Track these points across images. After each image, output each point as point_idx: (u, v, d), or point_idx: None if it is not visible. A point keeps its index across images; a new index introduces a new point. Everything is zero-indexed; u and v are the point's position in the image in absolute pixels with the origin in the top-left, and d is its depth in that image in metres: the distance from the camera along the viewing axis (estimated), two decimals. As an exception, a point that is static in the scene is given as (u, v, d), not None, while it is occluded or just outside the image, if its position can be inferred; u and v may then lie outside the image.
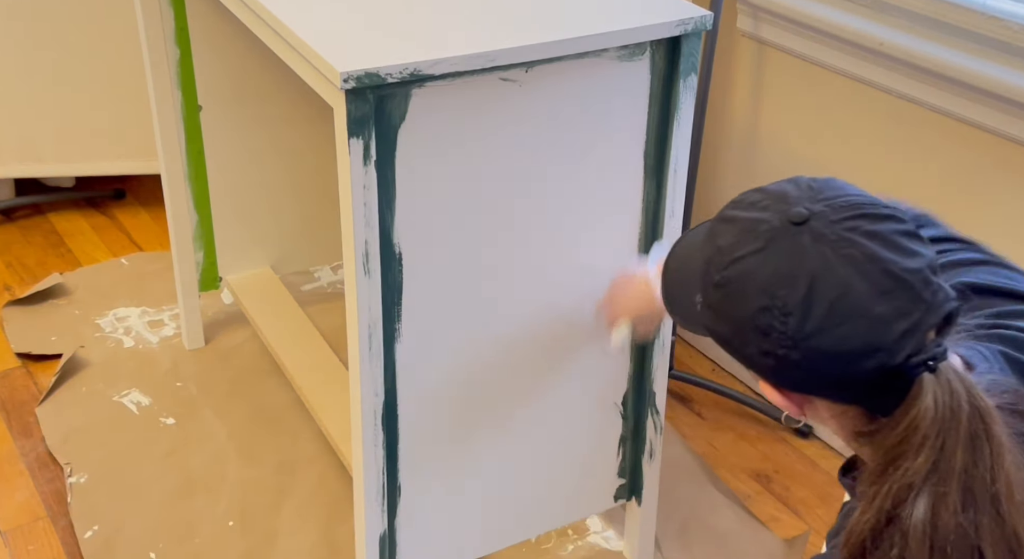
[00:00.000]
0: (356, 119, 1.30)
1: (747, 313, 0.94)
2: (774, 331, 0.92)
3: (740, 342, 0.96)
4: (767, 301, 0.92)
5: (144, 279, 2.59)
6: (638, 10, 1.46)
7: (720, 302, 0.97)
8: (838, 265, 0.90)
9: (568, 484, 1.73)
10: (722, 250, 0.97)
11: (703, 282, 0.99)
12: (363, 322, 1.41)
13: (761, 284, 0.93)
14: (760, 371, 0.97)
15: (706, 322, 1.00)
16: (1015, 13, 1.63)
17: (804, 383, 0.95)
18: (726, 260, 0.96)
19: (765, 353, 0.94)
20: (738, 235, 0.96)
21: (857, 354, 0.90)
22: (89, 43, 2.63)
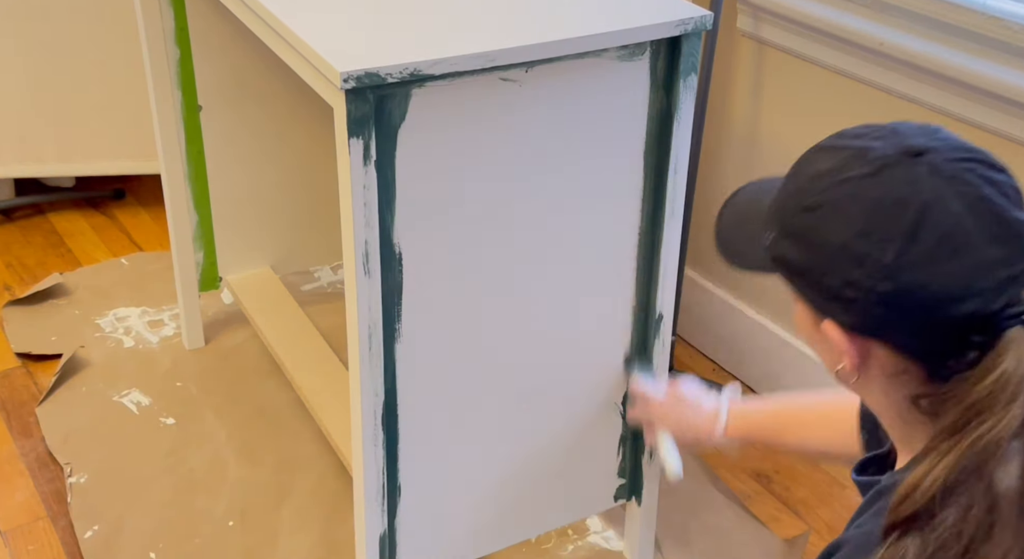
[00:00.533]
0: (356, 119, 1.30)
1: (843, 238, 0.90)
2: (869, 259, 0.89)
3: (822, 272, 0.92)
4: (870, 226, 0.89)
5: (144, 279, 2.59)
6: (638, 10, 1.46)
7: (811, 227, 0.93)
8: (952, 200, 0.87)
9: (568, 484, 1.73)
10: (822, 174, 0.93)
11: (787, 210, 0.96)
12: (363, 322, 1.41)
13: (867, 207, 0.89)
14: (833, 307, 0.93)
15: (782, 253, 0.96)
16: (1015, 13, 1.63)
17: (881, 324, 0.92)
18: (827, 182, 0.92)
19: (850, 283, 0.90)
20: (845, 160, 0.92)
21: (953, 295, 0.88)
22: (89, 43, 2.63)
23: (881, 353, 0.94)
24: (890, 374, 0.96)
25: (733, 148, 2.21)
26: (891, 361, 0.95)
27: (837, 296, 0.92)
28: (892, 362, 0.95)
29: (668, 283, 1.63)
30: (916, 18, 1.75)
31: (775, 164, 2.13)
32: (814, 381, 2.15)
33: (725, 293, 2.32)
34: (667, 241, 1.59)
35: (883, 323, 0.91)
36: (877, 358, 0.95)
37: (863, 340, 0.94)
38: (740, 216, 1.08)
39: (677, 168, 1.55)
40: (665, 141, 1.53)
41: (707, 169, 2.26)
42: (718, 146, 2.23)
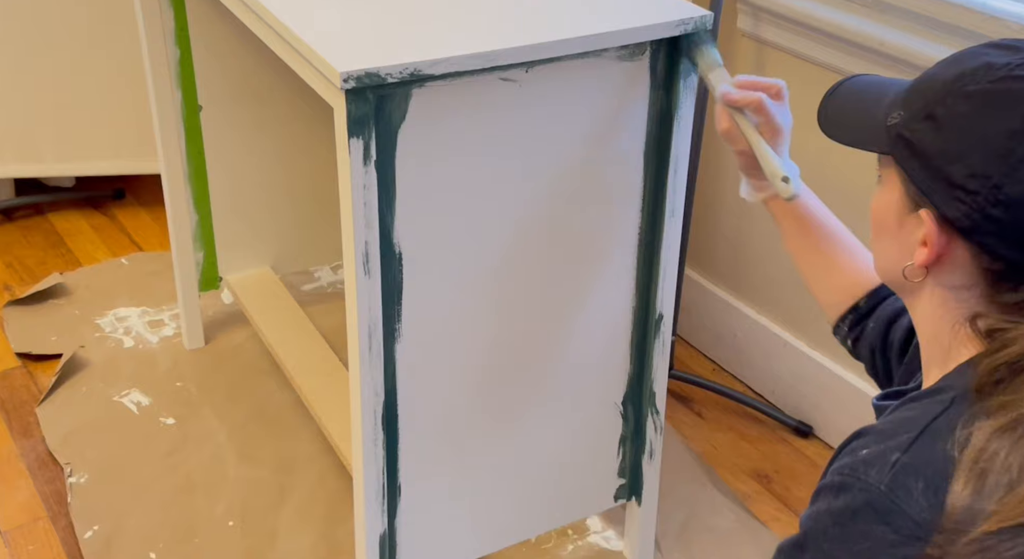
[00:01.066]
0: (356, 119, 1.30)
1: (993, 130, 0.91)
2: (1013, 158, 0.89)
3: (953, 158, 0.92)
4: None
5: (144, 279, 2.59)
6: (638, 10, 1.46)
7: (962, 113, 0.93)
8: None
9: (568, 484, 1.73)
10: (995, 66, 0.93)
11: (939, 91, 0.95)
12: (363, 322, 1.42)
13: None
14: (943, 197, 0.93)
15: (912, 132, 0.96)
16: (1015, 13, 1.63)
17: (985, 224, 0.92)
18: (998, 74, 0.92)
19: (978, 176, 0.91)
20: (1021, 59, 0.92)
21: None
22: (89, 43, 2.63)
23: (962, 258, 0.95)
24: (955, 286, 0.97)
25: (733, 148, 2.21)
26: (965, 271, 0.95)
27: (956, 185, 0.92)
28: (965, 273, 0.95)
29: (668, 283, 1.63)
30: (916, 18, 1.76)
31: (775, 164, 2.13)
32: (814, 379, 2.15)
33: (725, 293, 2.32)
34: (667, 241, 1.59)
35: (989, 224, 0.91)
36: (954, 263, 0.96)
37: (953, 238, 0.94)
38: (855, 96, 1.07)
39: (677, 168, 1.55)
40: (665, 141, 1.53)
41: (707, 169, 2.26)
42: (718, 146, 2.23)
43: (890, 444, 0.92)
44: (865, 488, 0.91)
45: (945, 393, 0.95)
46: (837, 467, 0.95)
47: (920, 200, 0.96)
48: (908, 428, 0.93)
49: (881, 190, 1.03)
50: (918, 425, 0.92)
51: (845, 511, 0.92)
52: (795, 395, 2.21)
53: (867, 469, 0.91)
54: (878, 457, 0.92)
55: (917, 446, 0.91)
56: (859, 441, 0.96)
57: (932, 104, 0.95)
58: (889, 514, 0.89)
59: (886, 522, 0.89)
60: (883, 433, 0.94)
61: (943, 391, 0.95)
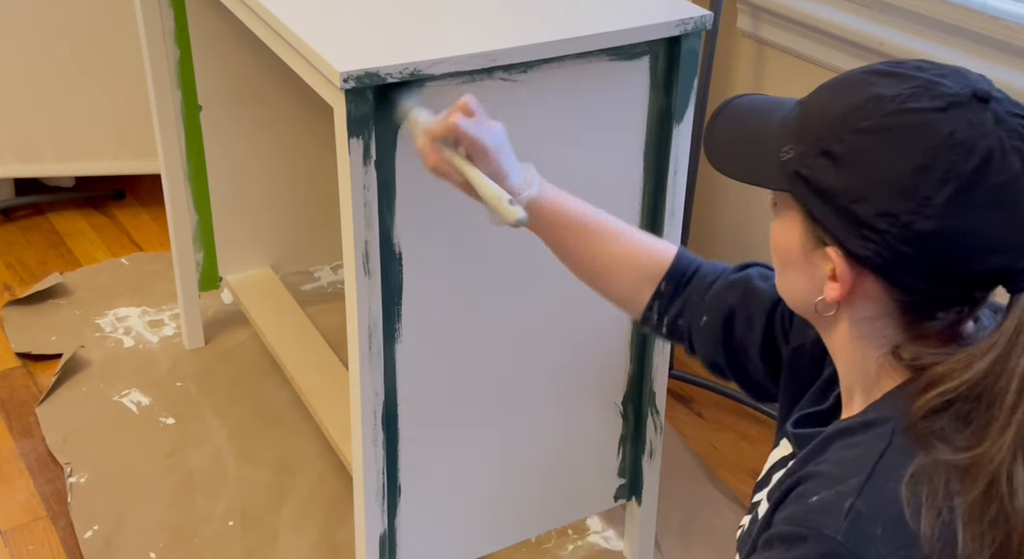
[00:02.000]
0: (356, 119, 1.30)
1: (897, 167, 0.87)
2: (918, 195, 0.86)
3: (857, 197, 0.89)
4: (930, 161, 0.86)
5: (144, 279, 2.59)
6: (638, 10, 1.46)
7: (861, 149, 0.89)
8: (1011, 154, 0.87)
9: (568, 484, 1.73)
10: (884, 98, 0.89)
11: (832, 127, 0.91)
12: (363, 322, 1.41)
13: (932, 143, 0.86)
14: (851, 235, 0.90)
15: (810, 171, 0.92)
16: (1015, 13, 1.63)
17: (899, 261, 0.89)
18: (891, 108, 0.89)
19: (886, 214, 0.87)
20: (912, 89, 0.89)
21: (986, 247, 0.87)
22: (89, 43, 2.63)
23: (874, 291, 0.93)
24: (869, 317, 0.94)
25: (733, 148, 2.21)
26: (878, 302, 0.93)
27: (864, 224, 0.89)
28: (879, 304, 0.93)
29: (668, 283, 1.63)
30: (916, 18, 1.76)
31: (775, 164, 2.13)
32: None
33: (725, 293, 2.31)
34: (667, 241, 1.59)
35: (902, 261, 0.89)
36: (866, 296, 0.93)
37: (864, 274, 0.92)
38: (741, 122, 1.03)
39: (677, 168, 1.55)
40: (665, 141, 1.53)
41: (707, 170, 2.26)
42: (718, 146, 2.23)
43: (841, 489, 0.88)
44: (820, 539, 0.86)
45: (883, 426, 0.92)
46: (787, 516, 0.91)
47: (826, 237, 0.92)
48: (855, 470, 0.89)
49: (781, 223, 0.98)
50: (865, 466, 0.89)
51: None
52: (795, 395, 2.20)
53: (821, 518, 0.87)
54: (831, 505, 0.88)
55: (869, 489, 0.87)
56: (805, 486, 0.92)
57: (827, 140, 0.91)
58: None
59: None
60: (830, 477, 0.90)
61: (880, 423, 0.92)
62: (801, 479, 0.93)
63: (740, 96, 1.08)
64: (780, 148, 0.95)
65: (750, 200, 2.20)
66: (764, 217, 2.17)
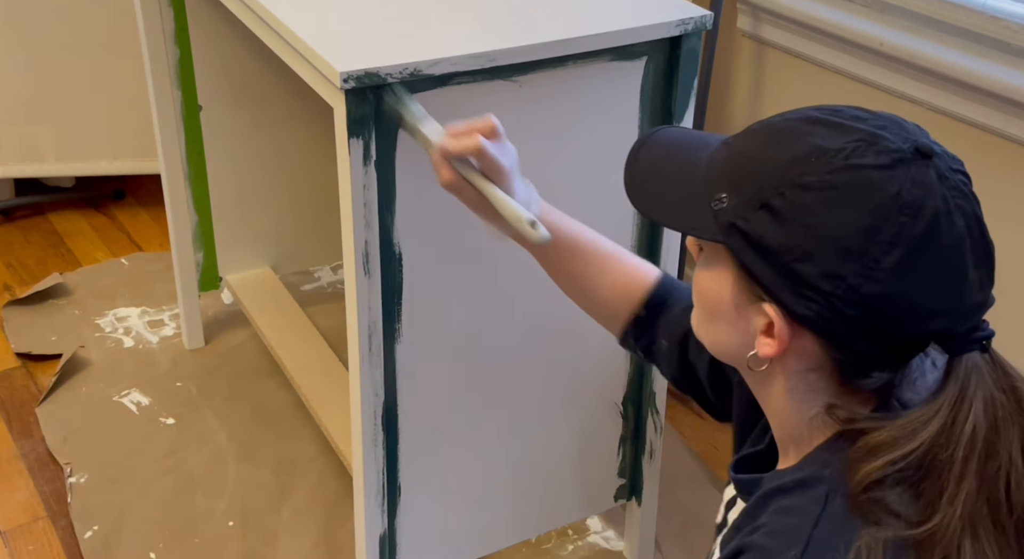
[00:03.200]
0: (356, 119, 1.30)
1: (844, 228, 0.84)
2: (866, 258, 0.83)
3: (801, 257, 0.85)
4: (879, 223, 0.83)
5: (144, 279, 2.59)
6: (638, 10, 1.46)
7: (804, 207, 0.85)
8: (956, 215, 0.84)
9: (568, 484, 1.73)
10: (826, 152, 0.85)
11: (771, 180, 0.87)
12: (363, 322, 1.41)
13: (880, 204, 0.83)
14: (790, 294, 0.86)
15: (747, 225, 0.87)
16: (1015, 13, 1.63)
17: (841, 323, 0.86)
18: (835, 164, 0.84)
19: (831, 276, 0.84)
20: (855, 143, 0.85)
21: (931, 311, 0.85)
22: (89, 43, 2.63)
23: (810, 348, 0.90)
24: (802, 370, 0.92)
25: (733, 148, 2.21)
26: (813, 358, 0.90)
27: (808, 285, 0.85)
28: (813, 359, 0.90)
29: (668, 283, 1.63)
30: (916, 18, 1.75)
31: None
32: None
33: (725, 293, 2.31)
34: (667, 241, 1.59)
35: (845, 323, 0.86)
36: (801, 352, 0.90)
37: (802, 332, 0.89)
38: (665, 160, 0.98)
39: (677, 168, 1.55)
40: (665, 141, 1.53)
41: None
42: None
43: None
44: None
45: (817, 487, 0.89)
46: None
47: (762, 294, 0.88)
48: (791, 542, 0.86)
49: (710, 272, 0.94)
50: (802, 536, 0.86)
51: None
52: (795, 395, 2.20)
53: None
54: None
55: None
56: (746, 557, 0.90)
57: (766, 193, 0.86)
58: None
59: None
60: (767, 551, 0.88)
61: (813, 483, 0.89)
62: (741, 549, 0.91)
63: (660, 128, 1.04)
64: (711, 195, 0.91)
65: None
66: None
